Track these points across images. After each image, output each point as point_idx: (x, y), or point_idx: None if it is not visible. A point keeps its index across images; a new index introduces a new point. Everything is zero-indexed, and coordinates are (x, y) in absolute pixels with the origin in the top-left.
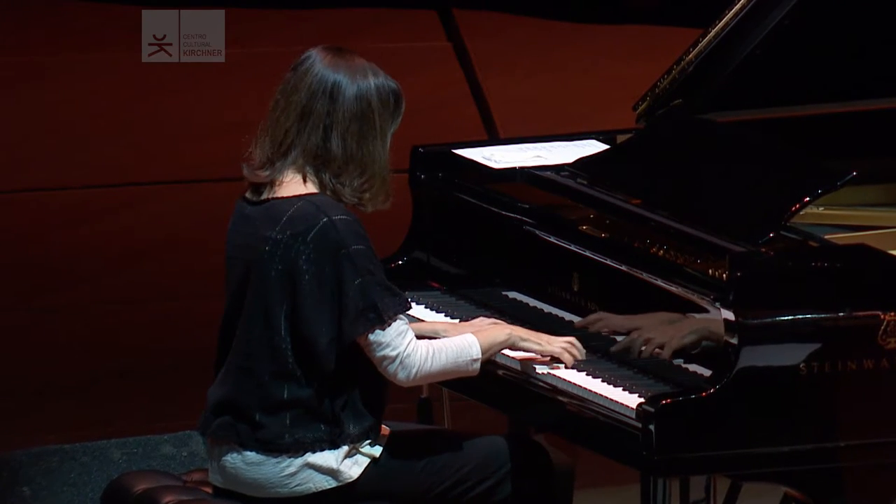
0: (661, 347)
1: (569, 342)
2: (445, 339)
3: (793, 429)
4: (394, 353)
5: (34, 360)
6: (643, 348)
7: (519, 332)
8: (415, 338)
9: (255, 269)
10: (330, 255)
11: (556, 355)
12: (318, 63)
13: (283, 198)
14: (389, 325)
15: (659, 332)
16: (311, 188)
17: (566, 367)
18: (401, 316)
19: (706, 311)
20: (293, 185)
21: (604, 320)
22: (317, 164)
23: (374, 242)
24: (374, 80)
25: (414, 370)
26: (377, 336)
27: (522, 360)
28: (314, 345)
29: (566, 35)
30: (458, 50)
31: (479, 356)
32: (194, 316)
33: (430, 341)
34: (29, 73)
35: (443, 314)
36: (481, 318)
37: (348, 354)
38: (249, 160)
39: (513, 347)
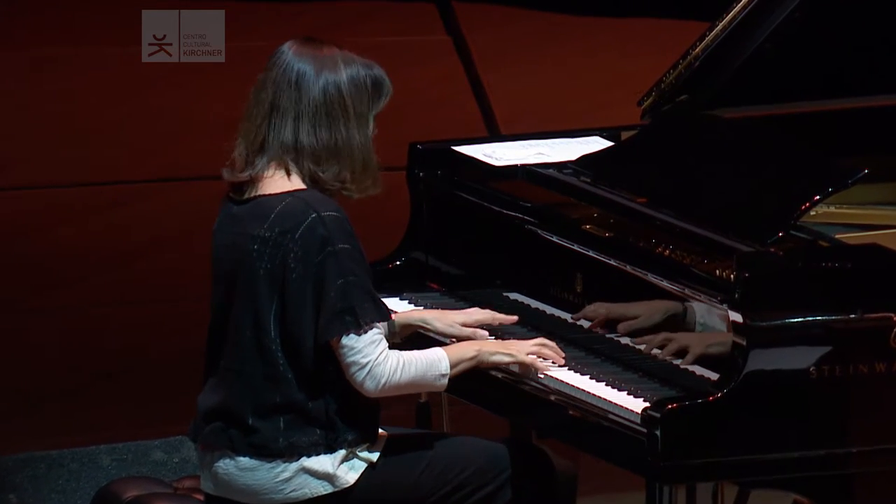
0: (682, 351)
1: (539, 345)
2: (415, 351)
3: (802, 434)
4: (364, 361)
5: (21, 363)
6: (660, 350)
7: (487, 346)
8: (387, 348)
9: (243, 269)
10: (316, 251)
11: (529, 363)
12: (285, 55)
13: (269, 195)
14: (365, 331)
15: (681, 335)
16: (295, 181)
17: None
18: (377, 325)
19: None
20: (276, 180)
21: (601, 311)
22: (293, 156)
23: (370, 241)
24: (344, 69)
25: (382, 381)
26: (350, 340)
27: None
28: (301, 346)
29: (569, 29)
30: (457, 44)
31: (448, 371)
32: (187, 317)
33: (400, 353)
34: (19, 67)
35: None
36: (475, 309)
37: (336, 357)
38: (231, 165)
39: (481, 364)
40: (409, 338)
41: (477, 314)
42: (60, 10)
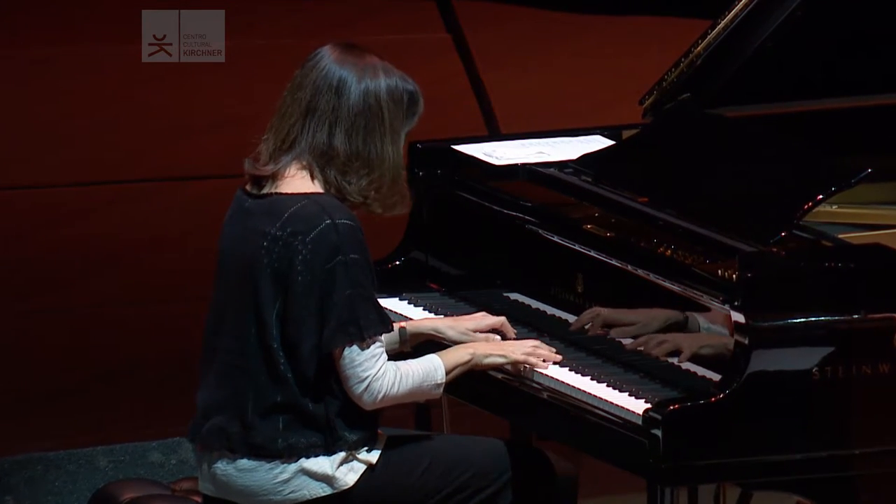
0: (677, 351)
1: (533, 346)
2: (412, 361)
3: (805, 436)
4: (364, 375)
5: (17, 364)
6: (657, 349)
7: (481, 349)
8: (386, 362)
9: (249, 265)
10: (326, 258)
11: (522, 363)
12: (326, 59)
13: (286, 194)
14: (367, 345)
15: (676, 335)
16: (317, 186)
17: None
18: (379, 339)
19: (707, 309)
20: (297, 181)
21: (600, 316)
22: (322, 161)
23: (370, 241)
24: (384, 79)
25: (380, 395)
26: (352, 353)
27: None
28: (298, 348)
29: (570, 27)
30: (457, 42)
31: (444, 380)
32: (185, 318)
33: (398, 364)
34: (16, 67)
35: (442, 316)
36: (483, 314)
37: (335, 365)
38: (255, 158)
39: (477, 367)
40: (420, 345)
41: (488, 319)
42: (58, 9)
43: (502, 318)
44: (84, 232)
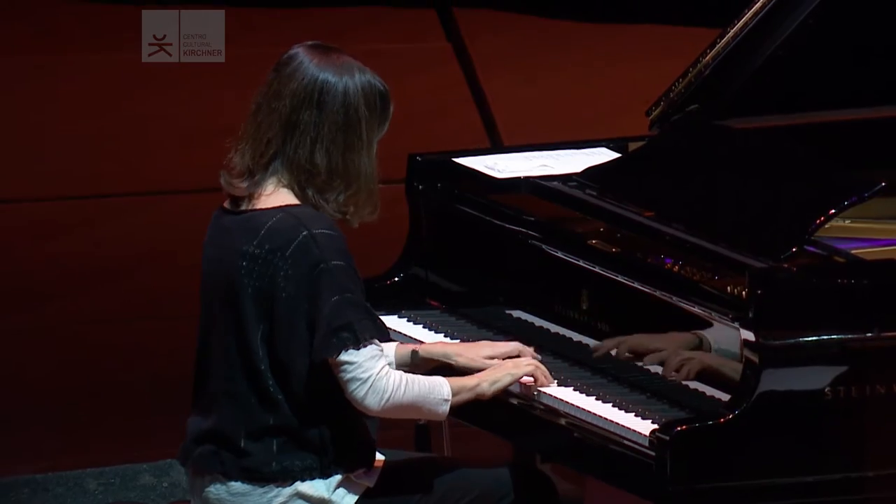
0: (701, 372)
1: (529, 355)
2: (417, 375)
3: (817, 457)
4: (365, 376)
5: (3, 384)
6: (677, 372)
7: (486, 375)
8: (387, 365)
9: (230, 286)
10: (308, 270)
11: (527, 383)
12: (304, 67)
13: (262, 209)
14: (364, 346)
15: (697, 355)
16: (293, 200)
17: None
18: (376, 341)
19: (710, 324)
20: (274, 196)
21: (625, 343)
22: (302, 178)
23: (367, 256)
24: (361, 83)
25: (386, 396)
26: (350, 356)
27: (524, 384)
28: (291, 368)
29: (574, 35)
30: (458, 51)
31: (450, 397)
32: (174, 336)
33: (401, 372)
34: (2, 75)
35: (442, 334)
36: (493, 343)
37: (330, 379)
38: (229, 167)
39: (483, 396)
40: (432, 372)
41: (503, 347)
42: (38, 15)
43: (518, 344)
44: (75, 247)
